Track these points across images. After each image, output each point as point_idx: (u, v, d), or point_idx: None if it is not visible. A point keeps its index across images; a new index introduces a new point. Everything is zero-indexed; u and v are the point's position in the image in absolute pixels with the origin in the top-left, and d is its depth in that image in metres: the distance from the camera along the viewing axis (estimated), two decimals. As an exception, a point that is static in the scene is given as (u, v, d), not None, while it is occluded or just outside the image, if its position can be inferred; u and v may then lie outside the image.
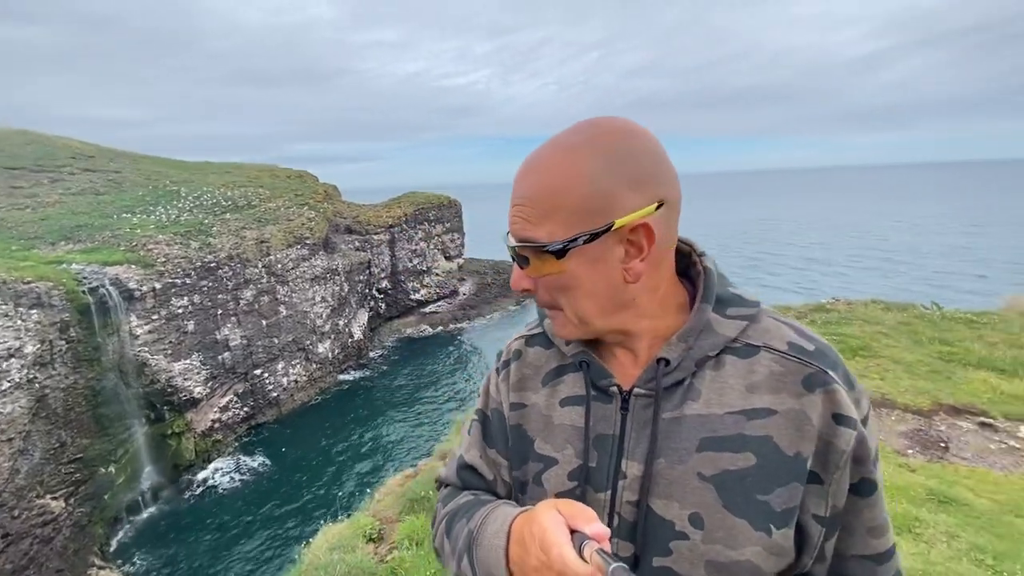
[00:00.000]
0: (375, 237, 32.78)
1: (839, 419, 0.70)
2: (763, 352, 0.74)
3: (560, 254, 0.71)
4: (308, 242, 24.81)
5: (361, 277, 29.83)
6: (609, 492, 0.77)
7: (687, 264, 0.85)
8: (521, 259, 0.75)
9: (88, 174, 24.46)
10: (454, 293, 38.63)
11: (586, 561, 0.58)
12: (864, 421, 0.72)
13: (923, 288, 30.99)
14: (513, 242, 0.75)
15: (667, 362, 0.76)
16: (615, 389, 0.80)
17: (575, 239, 0.71)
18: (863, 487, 0.73)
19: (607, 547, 0.59)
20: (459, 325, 36.01)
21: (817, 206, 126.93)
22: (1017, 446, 4.45)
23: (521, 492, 0.87)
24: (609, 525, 0.76)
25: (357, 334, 28.68)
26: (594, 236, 0.70)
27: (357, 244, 31.36)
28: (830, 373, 0.71)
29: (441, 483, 1.05)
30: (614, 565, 0.54)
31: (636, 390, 0.78)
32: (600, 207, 0.70)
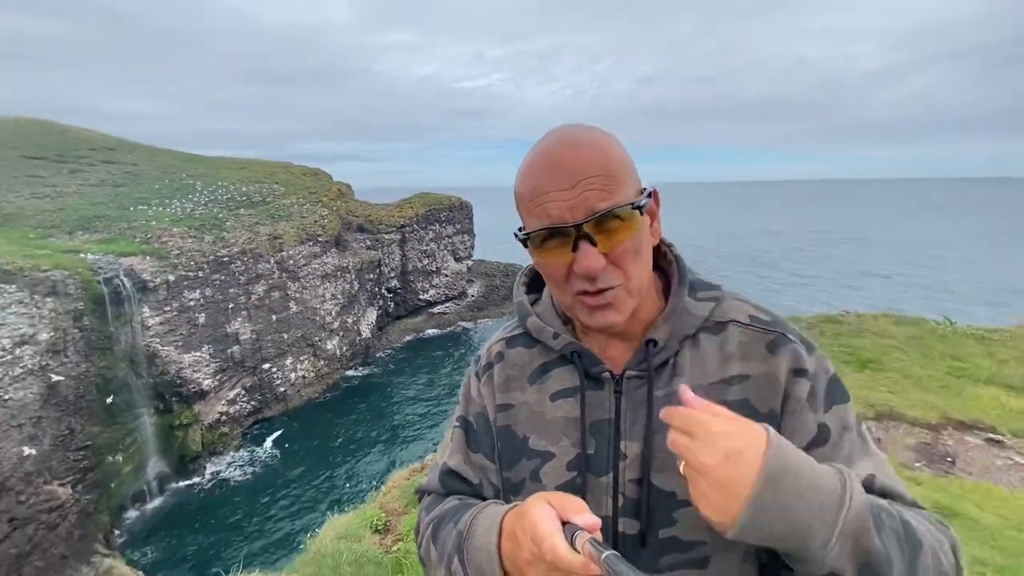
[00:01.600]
0: (386, 236, 32.99)
1: (797, 372, 0.77)
2: (731, 326, 0.82)
3: (641, 210, 0.75)
4: (320, 239, 25.03)
5: (371, 276, 30.02)
6: (611, 475, 0.80)
7: (655, 255, 0.88)
8: (591, 237, 0.73)
9: (107, 166, 24.90)
10: (463, 294, 38.77)
11: (578, 551, 0.58)
12: (826, 376, 0.78)
13: (936, 303, 30.64)
14: (579, 219, 0.72)
15: (655, 343, 0.81)
16: (607, 375, 0.83)
17: (648, 194, 0.77)
18: (821, 434, 0.76)
19: (599, 537, 0.59)
20: (466, 326, 36.16)
21: (827, 218, 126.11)
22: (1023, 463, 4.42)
23: (515, 493, 0.87)
24: (613, 506, 0.79)
25: (365, 332, 28.85)
26: (650, 195, 0.78)
27: (368, 243, 31.57)
28: (788, 335, 0.80)
29: (423, 492, 1.04)
30: (606, 553, 0.54)
31: (628, 373, 0.82)
32: (637, 178, 0.79)
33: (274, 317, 22.23)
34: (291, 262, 23.14)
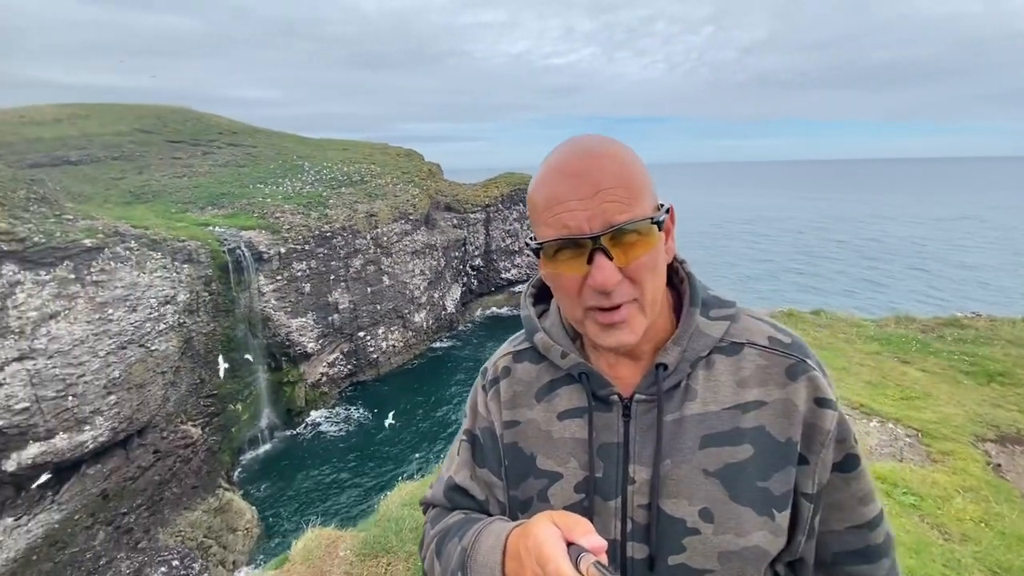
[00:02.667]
0: (472, 216, 33.81)
1: (821, 402, 0.76)
2: (747, 348, 0.80)
3: (660, 226, 0.73)
4: (411, 217, 26.24)
5: (456, 253, 31.07)
6: (619, 499, 0.78)
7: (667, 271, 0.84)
8: (607, 250, 0.71)
9: (231, 148, 27.68)
10: (544, 275, 38.90)
11: (583, 574, 0.57)
12: (839, 406, 0.79)
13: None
14: (596, 231, 0.70)
15: (665, 367, 0.79)
16: (616, 398, 0.81)
17: (666, 211, 0.75)
18: (848, 463, 0.77)
19: (604, 560, 0.58)
20: (546, 307, 36.35)
21: (963, 201, 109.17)
22: None
23: (522, 511, 0.85)
24: (622, 530, 0.78)
25: (450, 307, 30.07)
26: (667, 211, 0.76)
27: (455, 222, 32.57)
28: (808, 361, 0.78)
29: (428, 505, 1.03)
30: None
31: (637, 396, 0.80)
32: (655, 193, 0.77)
33: (369, 289, 23.80)
34: (385, 239, 24.53)
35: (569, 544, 0.61)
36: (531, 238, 0.79)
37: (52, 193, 14.95)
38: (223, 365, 17.31)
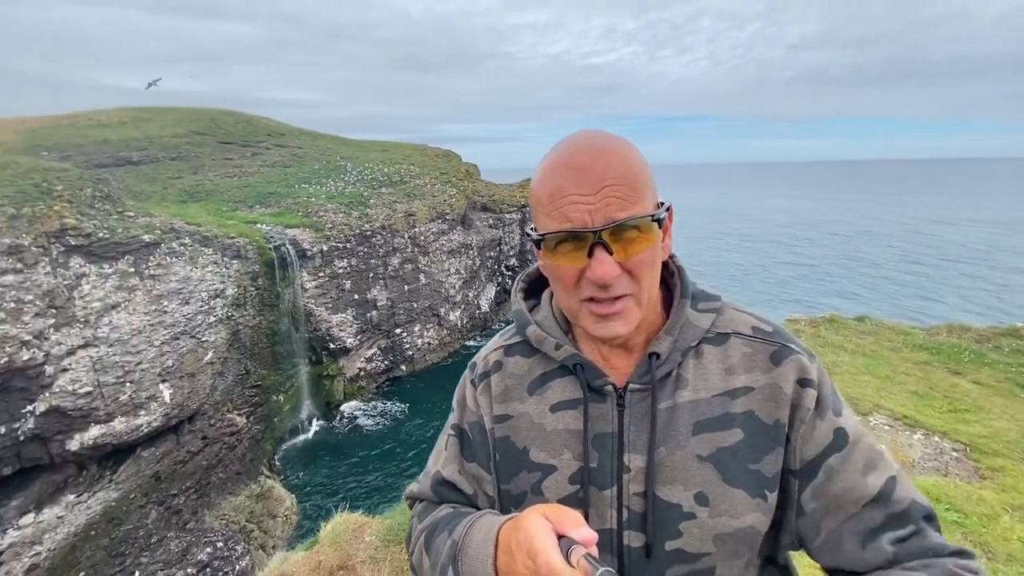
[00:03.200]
0: (507, 216, 33.98)
1: (803, 382, 0.78)
2: (733, 338, 0.83)
3: (659, 224, 0.75)
4: (448, 217, 26.62)
5: (492, 253, 31.29)
6: (615, 488, 0.79)
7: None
8: (608, 245, 0.72)
9: (279, 149, 28.78)
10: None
11: (573, 567, 0.57)
12: (829, 383, 0.80)
13: None
14: (598, 225, 0.71)
15: (658, 356, 0.81)
16: (610, 388, 0.82)
17: (666, 208, 0.77)
18: (839, 439, 0.77)
19: (594, 552, 0.58)
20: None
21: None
22: None
23: (515, 505, 0.85)
24: (618, 519, 0.79)
25: (484, 306, 30.33)
26: (667, 210, 0.78)
27: (491, 222, 32.80)
28: (791, 346, 0.81)
29: (414, 499, 1.02)
30: (601, 570, 0.54)
31: (631, 385, 0.81)
32: (655, 191, 0.78)
33: (406, 287, 24.29)
34: (422, 238, 24.97)
35: (560, 537, 0.61)
36: (532, 229, 0.80)
37: (115, 192, 15.96)
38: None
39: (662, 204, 0.78)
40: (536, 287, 1.01)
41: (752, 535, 0.76)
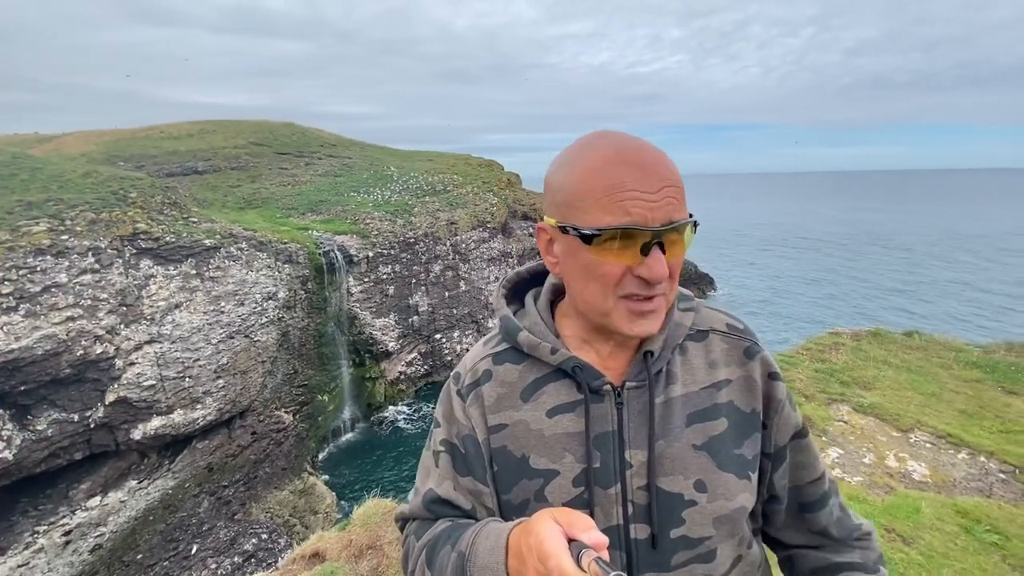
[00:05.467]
0: (549, 225, 34.11)
1: (773, 376, 0.88)
2: (712, 335, 0.91)
3: (694, 230, 0.78)
4: (489, 226, 27.01)
5: (532, 261, 31.45)
6: (619, 484, 0.81)
7: None
8: (663, 245, 0.74)
9: (330, 159, 30.07)
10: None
11: (584, 570, 0.57)
12: (782, 379, 0.91)
13: None
14: (659, 224, 0.72)
15: (652, 353, 0.85)
16: (608, 387, 0.83)
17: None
18: (803, 429, 0.91)
19: (605, 555, 0.58)
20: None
21: None
22: None
23: (518, 514, 0.84)
24: (624, 514, 0.81)
25: (523, 315, 30.50)
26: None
27: (531, 231, 33.00)
28: (758, 344, 0.91)
29: (405, 520, 0.99)
30: (612, 573, 0.54)
31: (628, 383, 0.84)
32: None
33: (447, 294, 24.76)
34: (463, 246, 25.43)
35: (571, 540, 0.61)
36: (570, 226, 0.76)
37: (182, 199, 17.16)
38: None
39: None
40: (515, 291, 1.03)
41: (743, 514, 0.83)
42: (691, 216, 0.77)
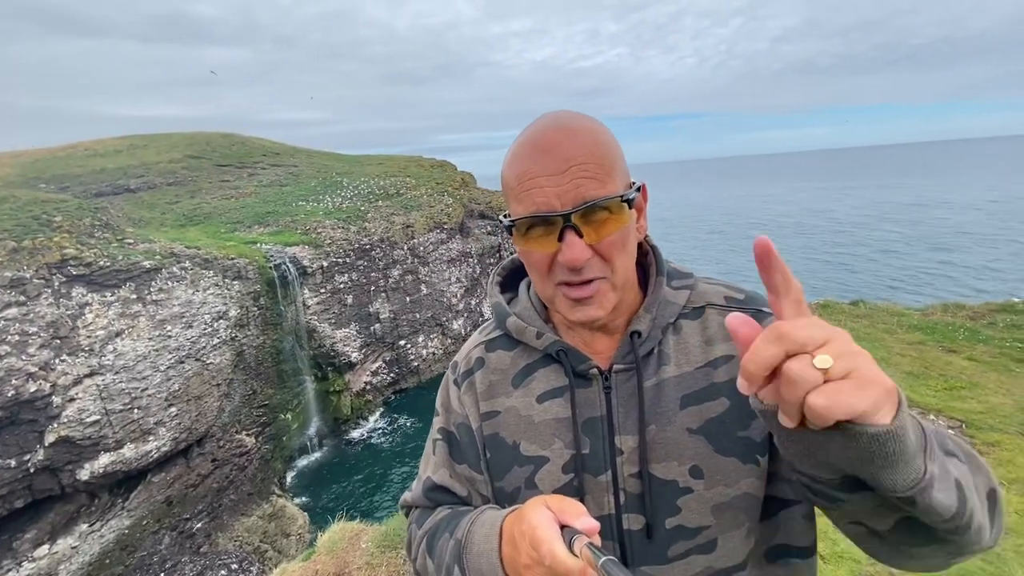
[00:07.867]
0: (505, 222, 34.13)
1: None
2: (708, 309, 0.84)
3: (630, 204, 0.73)
4: (446, 227, 26.75)
5: (491, 260, 31.38)
6: (609, 472, 0.78)
7: None
8: (578, 228, 0.71)
9: (275, 168, 29.02)
10: (581, 278, 38.68)
11: (576, 556, 0.57)
12: None
13: None
14: (567, 208, 0.70)
15: (639, 334, 0.81)
16: (595, 371, 0.81)
17: (637, 188, 0.76)
18: None
19: (597, 541, 0.59)
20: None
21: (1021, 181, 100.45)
22: None
23: (510, 501, 0.83)
24: (616, 503, 0.78)
25: (487, 313, 30.32)
26: (639, 189, 0.77)
27: (489, 229, 32.92)
28: (764, 310, 0.81)
29: (408, 507, 1.02)
30: (604, 559, 0.54)
31: (615, 366, 0.81)
32: (627, 171, 0.77)
33: (408, 299, 24.37)
34: (421, 248, 25.08)
35: (563, 527, 0.61)
36: (505, 215, 0.78)
37: (115, 220, 16.13)
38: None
39: (634, 184, 0.77)
40: (512, 279, 1.00)
41: (750, 502, 0.75)
42: (633, 187, 0.75)
